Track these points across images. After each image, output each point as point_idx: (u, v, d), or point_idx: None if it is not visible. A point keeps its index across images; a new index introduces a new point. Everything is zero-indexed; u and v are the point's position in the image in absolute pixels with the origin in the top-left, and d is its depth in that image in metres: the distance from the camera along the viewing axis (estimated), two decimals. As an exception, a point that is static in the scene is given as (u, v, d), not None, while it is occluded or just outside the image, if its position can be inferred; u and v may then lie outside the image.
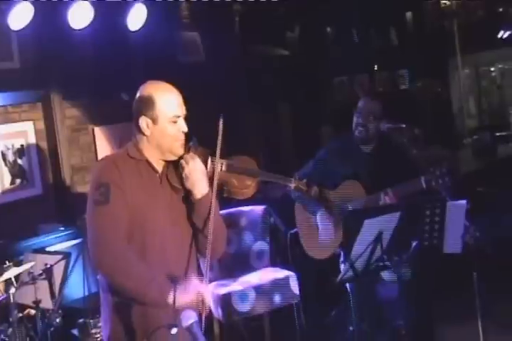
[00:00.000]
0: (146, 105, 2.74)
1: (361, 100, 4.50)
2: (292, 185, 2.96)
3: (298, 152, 7.95)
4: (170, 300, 2.59)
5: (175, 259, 2.81)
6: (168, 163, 2.82)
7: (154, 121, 2.74)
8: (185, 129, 2.79)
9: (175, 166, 2.81)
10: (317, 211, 4.39)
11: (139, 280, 2.64)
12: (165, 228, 2.79)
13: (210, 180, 2.81)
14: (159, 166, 2.82)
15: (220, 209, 2.98)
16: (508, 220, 6.67)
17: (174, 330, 2.39)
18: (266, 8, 7.11)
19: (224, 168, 2.85)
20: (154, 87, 2.79)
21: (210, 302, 2.71)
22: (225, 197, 2.91)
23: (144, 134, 2.77)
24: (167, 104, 2.75)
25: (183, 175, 2.76)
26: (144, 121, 2.75)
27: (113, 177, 2.71)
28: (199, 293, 2.64)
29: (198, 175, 2.76)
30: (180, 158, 2.79)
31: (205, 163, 2.83)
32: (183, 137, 2.79)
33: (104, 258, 2.65)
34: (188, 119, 2.85)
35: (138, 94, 2.79)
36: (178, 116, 2.77)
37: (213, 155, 2.84)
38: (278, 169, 3.12)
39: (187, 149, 2.81)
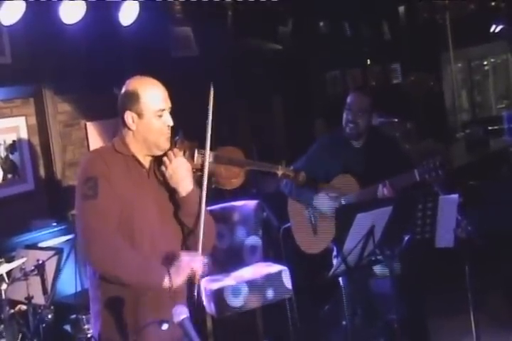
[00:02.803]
0: (131, 100, 2.74)
1: (350, 96, 4.46)
2: (279, 172, 2.96)
3: (291, 146, 7.96)
4: (167, 283, 2.63)
5: (165, 250, 2.78)
6: (154, 158, 2.82)
7: (139, 115, 2.74)
8: (171, 123, 2.79)
9: (161, 161, 2.79)
10: (312, 197, 4.39)
11: (134, 271, 2.64)
12: (153, 223, 2.78)
13: (200, 172, 2.81)
14: (146, 161, 2.82)
15: (213, 204, 2.98)
16: (501, 214, 6.68)
17: (165, 326, 2.39)
18: (258, 2, 7.10)
19: (211, 159, 2.85)
20: (139, 81, 2.79)
21: (200, 274, 2.72)
22: (214, 188, 2.91)
23: (129, 129, 2.77)
24: (152, 98, 2.74)
25: (167, 174, 2.75)
26: (129, 116, 2.75)
27: (101, 170, 2.70)
28: (192, 269, 2.66)
29: (181, 172, 2.75)
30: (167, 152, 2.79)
31: (192, 157, 2.83)
32: (168, 131, 2.79)
33: (96, 253, 2.63)
34: (180, 113, 2.85)
35: (123, 90, 2.79)
36: (163, 110, 2.77)
37: (200, 147, 2.84)
38: (271, 163, 3.12)
39: (173, 143, 2.81)
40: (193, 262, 2.68)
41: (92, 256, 2.65)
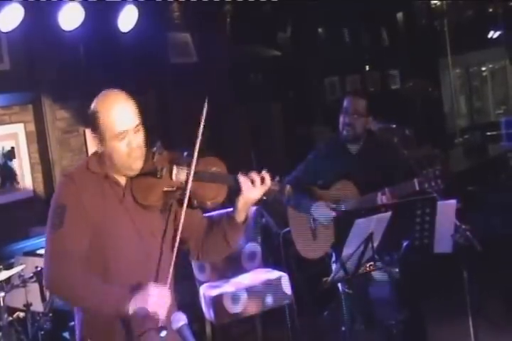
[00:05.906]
0: (92, 120, 2.56)
1: (345, 99, 4.46)
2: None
3: (290, 151, 7.97)
4: (130, 310, 2.43)
5: (143, 276, 2.59)
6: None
7: (101, 138, 2.54)
8: (136, 144, 2.53)
9: (139, 177, 2.59)
10: (310, 206, 4.38)
11: (93, 299, 2.48)
12: (130, 245, 2.61)
13: (179, 191, 2.59)
14: (122, 179, 2.61)
15: (211, 211, 2.93)
16: (499, 219, 6.69)
17: (163, 333, 2.37)
18: (257, 8, 7.13)
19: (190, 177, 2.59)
20: (100, 100, 2.59)
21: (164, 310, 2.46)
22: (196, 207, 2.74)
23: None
24: (110, 119, 2.51)
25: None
26: (94, 137, 2.57)
27: (70, 197, 2.54)
28: (159, 300, 2.44)
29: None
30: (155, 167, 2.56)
31: (170, 173, 2.60)
32: (137, 152, 2.54)
33: (57, 284, 2.52)
34: (178, 120, 2.81)
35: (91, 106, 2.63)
36: (124, 131, 2.51)
37: (179, 163, 2.59)
38: (270, 169, 3.10)
39: (151, 155, 2.58)
40: (159, 295, 2.44)
41: (55, 289, 2.56)
